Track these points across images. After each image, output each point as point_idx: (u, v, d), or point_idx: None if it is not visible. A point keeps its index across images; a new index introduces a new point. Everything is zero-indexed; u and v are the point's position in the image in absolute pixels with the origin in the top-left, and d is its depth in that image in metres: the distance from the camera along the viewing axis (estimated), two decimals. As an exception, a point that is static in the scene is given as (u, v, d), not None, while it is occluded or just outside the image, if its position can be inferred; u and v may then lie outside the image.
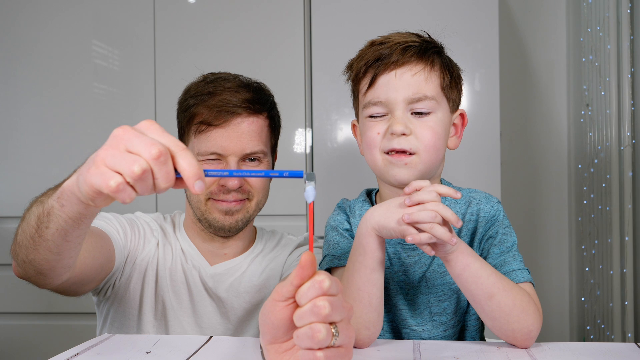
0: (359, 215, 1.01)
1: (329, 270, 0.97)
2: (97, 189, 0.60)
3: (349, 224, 1.02)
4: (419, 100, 0.92)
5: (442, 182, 1.04)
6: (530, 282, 0.90)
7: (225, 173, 0.66)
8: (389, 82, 0.92)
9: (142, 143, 0.59)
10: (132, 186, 0.59)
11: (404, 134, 0.91)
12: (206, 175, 0.62)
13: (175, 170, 0.61)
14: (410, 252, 0.99)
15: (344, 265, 0.91)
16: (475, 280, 0.82)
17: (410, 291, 0.99)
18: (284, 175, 0.64)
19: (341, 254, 0.96)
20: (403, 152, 0.91)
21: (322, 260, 0.99)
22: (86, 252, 0.95)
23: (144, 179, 0.59)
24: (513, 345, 0.86)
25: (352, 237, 0.98)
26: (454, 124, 0.99)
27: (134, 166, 0.58)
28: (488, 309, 0.83)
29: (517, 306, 0.83)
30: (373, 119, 0.95)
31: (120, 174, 0.58)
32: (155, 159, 0.58)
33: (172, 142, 0.61)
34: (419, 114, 0.92)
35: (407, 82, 0.92)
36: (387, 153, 0.92)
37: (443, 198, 0.95)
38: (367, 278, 0.84)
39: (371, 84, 0.94)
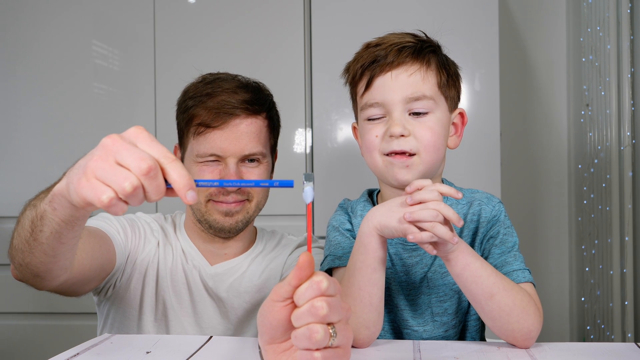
0: (360, 216, 1.01)
1: (330, 270, 0.97)
2: (89, 201, 0.60)
3: (351, 224, 1.02)
4: (416, 99, 0.91)
5: (443, 182, 1.04)
6: (531, 282, 0.90)
7: (216, 183, 0.65)
8: (385, 83, 0.92)
9: (131, 156, 0.59)
10: (123, 200, 0.59)
11: (402, 135, 0.90)
12: (197, 186, 0.62)
13: (167, 180, 0.60)
14: (412, 253, 0.99)
15: (345, 265, 0.91)
16: (475, 280, 0.82)
17: (412, 291, 0.99)
18: (275, 185, 0.64)
19: (342, 254, 0.96)
20: (403, 153, 0.91)
21: (323, 260, 0.99)
22: (84, 253, 0.95)
23: (136, 194, 0.59)
24: (513, 345, 0.86)
25: (354, 237, 0.98)
26: (453, 123, 0.99)
27: (124, 183, 0.58)
28: (488, 309, 0.83)
29: (517, 306, 0.83)
30: (371, 121, 0.94)
31: (112, 188, 0.58)
32: (145, 175, 0.58)
33: (162, 152, 0.61)
34: (417, 114, 0.92)
35: (404, 82, 0.92)
36: (388, 155, 0.92)
37: (444, 198, 0.95)
38: (368, 278, 0.84)
39: (368, 86, 0.94)
